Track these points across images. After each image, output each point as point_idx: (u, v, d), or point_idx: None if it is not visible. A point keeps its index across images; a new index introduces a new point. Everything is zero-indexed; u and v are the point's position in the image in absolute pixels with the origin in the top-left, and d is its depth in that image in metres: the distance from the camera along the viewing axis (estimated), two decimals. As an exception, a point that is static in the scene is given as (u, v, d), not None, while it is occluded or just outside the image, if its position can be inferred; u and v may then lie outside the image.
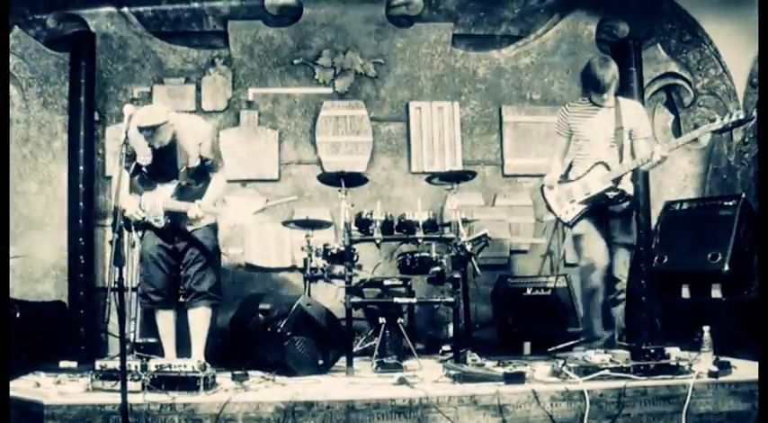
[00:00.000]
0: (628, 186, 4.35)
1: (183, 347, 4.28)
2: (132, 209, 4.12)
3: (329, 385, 3.75)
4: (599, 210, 4.34)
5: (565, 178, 4.47)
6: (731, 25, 5.89)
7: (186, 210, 4.08)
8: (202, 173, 4.23)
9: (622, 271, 4.31)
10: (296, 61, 5.78)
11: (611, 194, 4.27)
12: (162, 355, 4.23)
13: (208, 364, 3.56)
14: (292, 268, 5.56)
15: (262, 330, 4.27)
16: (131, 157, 4.07)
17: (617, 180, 4.25)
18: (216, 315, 4.50)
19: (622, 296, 4.33)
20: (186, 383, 3.37)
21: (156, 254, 4.16)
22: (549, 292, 5.26)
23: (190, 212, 4.06)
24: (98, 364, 3.50)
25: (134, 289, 4.98)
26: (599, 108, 4.36)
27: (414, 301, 4.53)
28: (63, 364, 4.30)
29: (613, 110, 4.32)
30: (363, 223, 4.42)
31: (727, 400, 3.51)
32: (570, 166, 4.49)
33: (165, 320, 4.23)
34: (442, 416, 3.30)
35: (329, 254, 4.66)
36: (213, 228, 4.30)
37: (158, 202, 4.12)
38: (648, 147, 4.26)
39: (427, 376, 3.85)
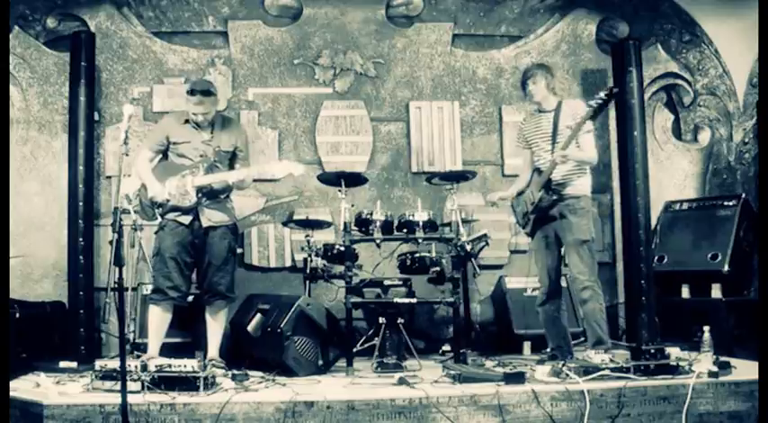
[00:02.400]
0: (573, 186, 4.28)
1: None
2: (158, 191, 4.15)
3: (329, 385, 3.76)
4: (547, 217, 4.34)
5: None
6: (731, 25, 5.89)
7: (224, 179, 4.17)
8: (229, 164, 4.34)
9: (580, 268, 4.22)
10: (296, 61, 5.78)
11: (546, 201, 4.27)
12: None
13: (223, 361, 3.58)
14: (292, 268, 5.56)
15: (262, 330, 4.27)
16: (160, 145, 4.28)
17: (546, 186, 4.23)
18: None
19: (587, 294, 4.20)
20: (186, 383, 3.37)
21: (177, 251, 4.16)
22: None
23: (231, 177, 4.15)
24: (98, 364, 3.50)
25: (134, 288, 5.00)
26: (542, 114, 4.41)
27: (414, 301, 4.53)
28: (63, 364, 4.30)
29: (552, 113, 4.34)
30: (363, 223, 4.43)
31: (728, 400, 3.52)
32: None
33: (164, 318, 4.19)
34: (442, 416, 3.30)
35: (329, 254, 4.66)
36: (232, 229, 4.34)
37: (188, 180, 4.15)
38: (591, 142, 4.28)
39: (427, 376, 3.85)
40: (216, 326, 4.30)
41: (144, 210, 4.23)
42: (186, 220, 4.17)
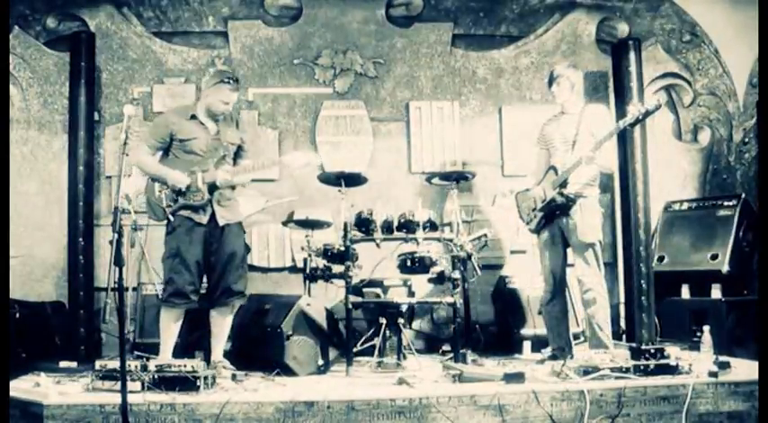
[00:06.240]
0: (583, 186, 4.32)
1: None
2: (179, 179, 3.94)
3: (329, 385, 3.76)
4: (555, 216, 4.36)
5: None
6: (731, 25, 5.89)
7: (243, 173, 4.08)
8: (233, 159, 4.19)
9: (584, 270, 4.26)
10: (296, 61, 5.78)
11: (558, 200, 4.29)
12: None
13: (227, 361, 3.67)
14: (292, 268, 5.56)
15: (262, 330, 4.27)
16: (161, 142, 4.03)
17: (562, 185, 4.25)
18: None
19: (590, 295, 4.23)
20: (186, 383, 3.37)
21: (197, 252, 3.99)
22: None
23: (218, 177, 3.98)
24: (98, 364, 3.49)
25: (134, 288, 5.00)
26: (563, 114, 4.44)
27: (414, 301, 4.53)
28: (63, 364, 4.30)
29: (576, 116, 4.36)
30: (363, 223, 4.43)
31: (728, 400, 3.51)
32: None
33: (179, 321, 4.04)
34: (442, 416, 3.30)
35: (329, 254, 4.65)
36: (242, 226, 4.22)
37: (198, 176, 3.97)
38: (613, 152, 4.35)
39: (427, 376, 3.85)
40: (224, 327, 4.14)
41: (153, 209, 4.00)
42: (204, 219, 4.00)
